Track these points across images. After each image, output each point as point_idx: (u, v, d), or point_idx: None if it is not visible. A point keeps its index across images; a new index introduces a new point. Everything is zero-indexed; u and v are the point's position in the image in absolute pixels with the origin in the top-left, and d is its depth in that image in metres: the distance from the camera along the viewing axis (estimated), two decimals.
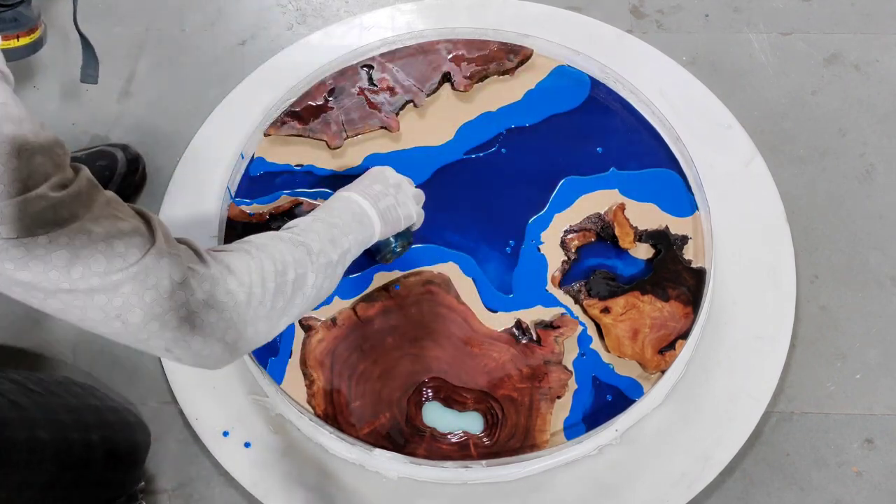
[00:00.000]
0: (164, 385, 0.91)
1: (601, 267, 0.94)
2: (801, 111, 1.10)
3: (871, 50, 1.15)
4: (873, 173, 1.05)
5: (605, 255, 0.95)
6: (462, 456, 0.84)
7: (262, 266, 0.63)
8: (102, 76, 1.15)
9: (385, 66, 1.09)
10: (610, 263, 0.94)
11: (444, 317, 0.91)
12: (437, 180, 1.00)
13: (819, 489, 0.86)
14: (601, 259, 0.95)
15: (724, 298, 0.94)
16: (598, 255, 0.95)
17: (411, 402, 0.87)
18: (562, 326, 0.89)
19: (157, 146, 1.09)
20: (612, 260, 0.95)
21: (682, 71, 1.11)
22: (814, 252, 0.99)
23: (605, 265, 0.94)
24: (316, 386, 0.87)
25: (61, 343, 0.95)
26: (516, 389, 0.87)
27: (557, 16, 1.16)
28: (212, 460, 0.87)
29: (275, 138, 1.04)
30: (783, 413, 0.90)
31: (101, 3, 1.22)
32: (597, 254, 0.95)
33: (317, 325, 0.91)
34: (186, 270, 0.57)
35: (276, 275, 0.64)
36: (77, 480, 0.72)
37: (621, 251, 0.95)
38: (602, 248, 0.96)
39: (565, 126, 1.04)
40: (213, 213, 1.00)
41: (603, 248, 0.96)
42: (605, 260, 0.95)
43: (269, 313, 0.63)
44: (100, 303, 0.52)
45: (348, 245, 0.74)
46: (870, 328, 0.95)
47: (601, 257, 0.95)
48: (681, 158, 1.01)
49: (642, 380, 0.87)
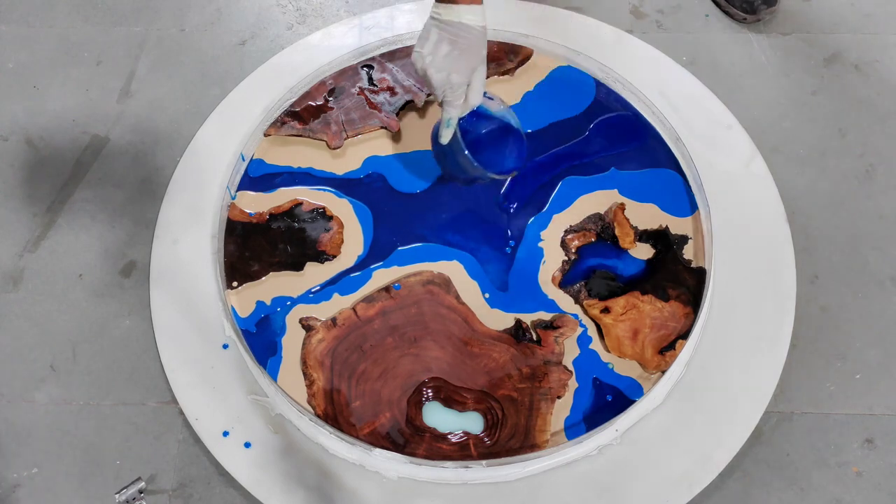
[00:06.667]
0: (164, 385, 0.91)
1: (601, 267, 0.94)
2: (801, 111, 1.10)
3: (871, 50, 1.15)
4: (873, 173, 1.05)
5: (605, 255, 0.95)
6: (462, 456, 0.84)
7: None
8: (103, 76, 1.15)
9: (385, 66, 1.09)
10: (610, 263, 0.94)
11: (444, 317, 0.91)
12: (437, 180, 1.01)
13: (819, 489, 0.86)
14: (601, 259, 0.95)
15: (724, 298, 0.94)
16: (598, 255, 0.95)
17: (411, 402, 0.87)
18: (562, 326, 0.89)
19: (157, 146, 1.09)
20: (612, 260, 0.95)
21: (682, 71, 1.11)
22: (814, 252, 0.99)
23: (605, 265, 0.94)
24: (316, 386, 0.87)
25: (61, 343, 0.95)
26: (516, 389, 0.87)
27: (557, 16, 1.16)
28: (212, 460, 0.87)
29: (275, 138, 1.04)
30: (783, 413, 0.90)
31: (101, 3, 1.22)
32: (597, 254, 0.95)
33: (317, 325, 0.91)
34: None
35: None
36: None
37: (621, 251, 0.95)
38: (602, 248, 0.96)
39: (566, 127, 1.04)
40: (213, 214, 1.00)
41: (603, 248, 0.96)
42: (605, 260, 0.95)
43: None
44: None
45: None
46: (870, 328, 0.95)
47: (601, 257, 0.95)
48: (681, 158, 1.01)
49: (642, 380, 0.87)
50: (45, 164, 1.08)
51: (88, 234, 1.02)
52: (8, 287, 0.99)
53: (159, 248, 0.99)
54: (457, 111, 0.83)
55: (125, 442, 0.89)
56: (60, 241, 1.02)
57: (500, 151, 0.89)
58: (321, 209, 0.99)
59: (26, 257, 1.01)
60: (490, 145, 0.89)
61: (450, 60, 0.80)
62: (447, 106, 0.83)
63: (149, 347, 0.94)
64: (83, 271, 1.00)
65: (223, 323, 0.93)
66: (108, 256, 1.00)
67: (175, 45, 1.18)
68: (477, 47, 0.81)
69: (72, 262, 1.00)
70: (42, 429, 0.90)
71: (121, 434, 0.89)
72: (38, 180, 1.07)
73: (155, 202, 1.03)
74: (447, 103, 0.82)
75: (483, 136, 0.89)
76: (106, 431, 0.90)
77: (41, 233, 1.03)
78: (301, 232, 0.97)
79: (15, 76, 1.15)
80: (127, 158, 1.08)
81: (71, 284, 0.99)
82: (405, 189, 1.00)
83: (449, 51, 0.80)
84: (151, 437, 0.89)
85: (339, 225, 0.98)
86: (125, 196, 1.05)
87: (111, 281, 0.99)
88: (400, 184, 1.01)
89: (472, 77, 0.82)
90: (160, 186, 1.04)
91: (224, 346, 0.92)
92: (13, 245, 1.02)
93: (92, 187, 1.06)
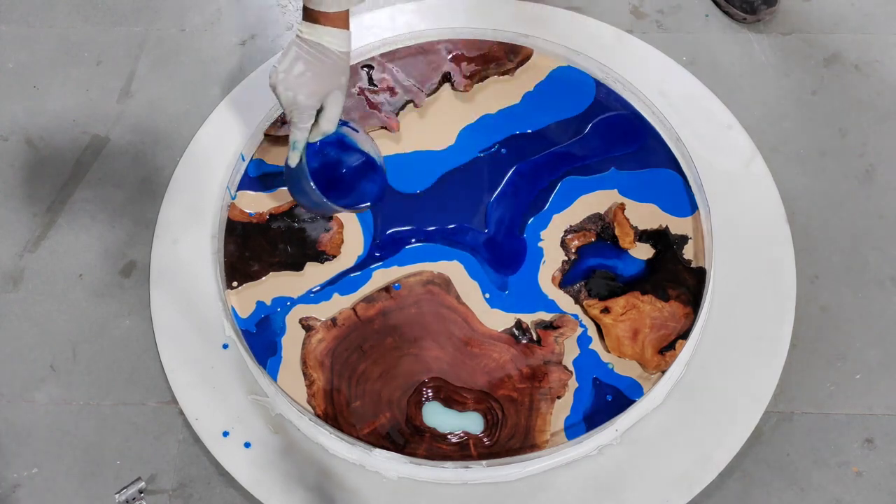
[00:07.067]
0: (165, 385, 0.91)
1: (601, 267, 0.94)
2: (801, 111, 1.10)
3: (871, 50, 1.15)
4: (873, 173, 1.05)
5: (605, 255, 0.95)
6: (462, 456, 0.84)
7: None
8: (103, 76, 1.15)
9: (385, 66, 1.09)
10: (610, 263, 0.94)
11: (444, 317, 0.91)
12: (437, 181, 1.01)
13: (819, 489, 0.86)
14: (601, 259, 0.95)
15: (724, 298, 0.94)
16: (598, 255, 0.95)
17: (411, 402, 0.87)
18: (562, 326, 0.90)
19: (157, 146, 1.09)
20: (612, 260, 0.95)
21: (682, 71, 1.11)
22: (814, 252, 0.99)
23: (605, 265, 0.94)
24: (316, 386, 0.87)
25: (61, 343, 0.95)
26: (516, 389, 0.87)
27: (557, 16, 1.16)
28: (212, 460, 0.87)
29: (275, 138, 1.04)
30: (783, 413, 0.90)
31: (101, 3, 1.22)
32: (597, 254, 0.95)
33: (317, 325, 0.91)
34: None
35: None
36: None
37: (621, 251, 0.95)
38: (602, 248, 0.96)
39: (566, 127, 1.04)
40: (213, 214, 1.00)
41: (603, 248, 0.96)
42: (605, 260, 0.95)
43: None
44: None
45: None
46: (870, 328, 0.94)
47: (601, 257, 0.95)
48: (681, 158, 1.01)
49: (642, 380, 0.87)
50: (45, 164, 1.08)
51: (88, 234, 1.02)
52: (8, 287, 0.99)
53: (159, 248, 0.99)
54: (303, 134, 0.80)
55: (125, 442, 0.89)
56: (60, 241, 1.02)
57: (352, 185, 0.87)
58: None
59: (26, 257, 1.01)
60: (344, 177, 0.87)
61: (301, 81, 0.77)
62: (293, 128, 0.80)
63: (149, 347, 0.94)
64: (83, 271, 1.00)
65: (223, 323, 0.93)
66: (108, 256, 1.00)
67: (175, 45, 1.18)
68: (334, 72, 0.79)
69: (72, 262, 1.00)
70: (42, 429, 0.90)
71: (121, 434, 0.89)
72: (38, 180, 1.07)
73: (155, 202, 1.03)
74: (293, 125, 0.80)
75: (337, 167, 0.86)
76: (106, 431, 0.90)
77: (41, 233, 1.03)
78: (301, 232, 0.97)
79: (15, 76, 1.15)
80: (127, 158, 1.08)
81: (71, 284, 0.99)
82: (405, 189, 1.00)
83: (302, 71, 0.77)
84: (151, 437, 0.89)
85: (339, 225, 0.98)
86: (125, 196, 1.05)
87: (111, 281, 0.99)
88: (400, 184, 1.01)
89: (326, 102, 0.80)
90: (160, 186, 1.04)
91: (224, 346, 0.92)
92: (13, 245, 1.02)
93: (92, 187, 1.06)
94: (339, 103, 0.81)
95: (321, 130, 0.81)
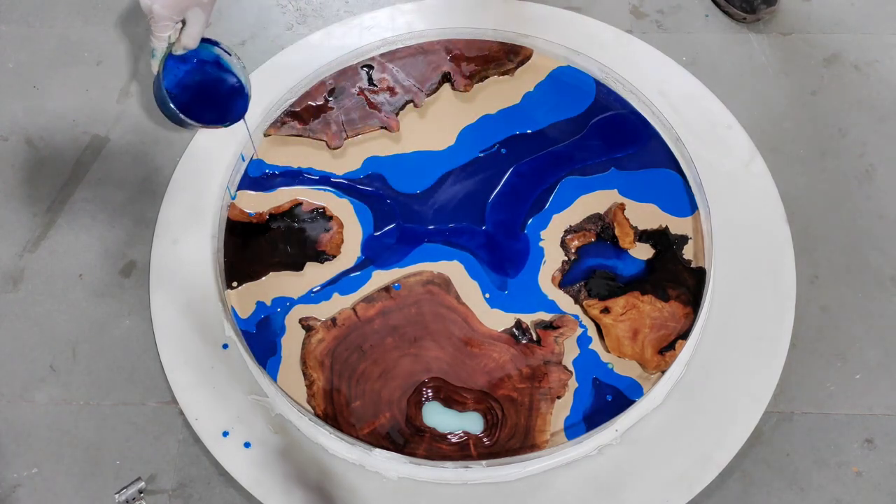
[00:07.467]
0: (164, 385, 0.91)
1: (601, 267, 0.94)
2: (801, 111, 1.10)
3: (871, 50, 1.15)
4: (873, 173, 1.05)
5: (605, 255, 0.95)
6: (462, 456, 0.84)
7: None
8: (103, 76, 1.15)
9: (385, 66, 1.09)
10: (610, 263, 0.94)
11: (444, 317, 0.91)
12: (437, 181, 1.01)
13: (819, 489, 0.86)
14: (601, 259, 0.95)
15: (724, 298, 0.94)
16: (598, 255, 0.95)
17: (411, 402, 0.87)
18: (562, 326, 0.90)
19: (157, 146, 1.09)
20: (612, 260, 0.95)
21: (682, 71, 1.11)
22: (814, 252, 0.99)
23: (605, 265, 0.94)
24: (316, 386, 0.87)
25: (61, 343, 0.95)
26: (516, 389, 0.87)
27: (557, 16, 1.16)
28: (212, 460, 0.87)
29: (275, 138, 1.04)
30: (783, 413, 0.90)
31: (101, 3, 1.22)
32: (597, 254, 0.95)
33: (317, 325, 0.91)
34: None
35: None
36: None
37: (621, 251, 0.95)
38: (602, 248, 0.96)
39: (566, 127, 1.04)
40: (213, 214, 1.00)
41: (603, 248, 0.96)
42: (605, 260, 0.95)
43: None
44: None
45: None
46: (870, 328, 0.94)
47: (601, 257, 0.95)
48: (681, 158, 1.01)
49: (642, 380, 0.87)
50: (45, 164, 1.08)
51: (88, 234, 1.02)
52: (8, 287, 0.99)
53: (159, 248, 0.99)
54: (161, 43, 0.83)
55: (125, 442, 0.89)
56: (60, 241, 1.02)
57: (212, 103, 0.89)
58: (321, 209, 0.99)
59: (26, 257, 1.01)
60: (205, 94, 0.89)
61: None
62: (152, 35, 0.83)
63: (149, 347, 0.94)
64: (83, 271, 1.00)
65: (223, 323, 0.93)
66: (108, 256, 1.00)
67: None
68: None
69: (72, 262, 1.00)
70: (42, 429, 0.90)
71: (121, 434, 0.89)
72: (38, 180, 1.07)
73: (155, 202, 1.03)
74: (152, 33, 0.82)
75: (207, 83, 0.88)
76: (106, 431, 0.90)
77: (41, 233, 1.03)
78: (301, 232, 0.97)
79: (15, 76, 1.15)
80: (127, 158, 1.08)
81: (71, 284, 0.99)
82: (405, 189, 1.00)
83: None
84: (151, 437, 0.89)
85: (339, 225, 0.98)
86: (125, 196, 1.05)
87: (111, 281, 0.99)
88: (400, 184, 1.01)
89: (187, 18, 0.81)
90: (160, 186, 1.04)
91: (224, 346, 0.92)
92: (13, 245, 1.02)
93: (92, 187, 1.06)
94: (199, 21, 0.82)
95: (181, 45, 0.83)
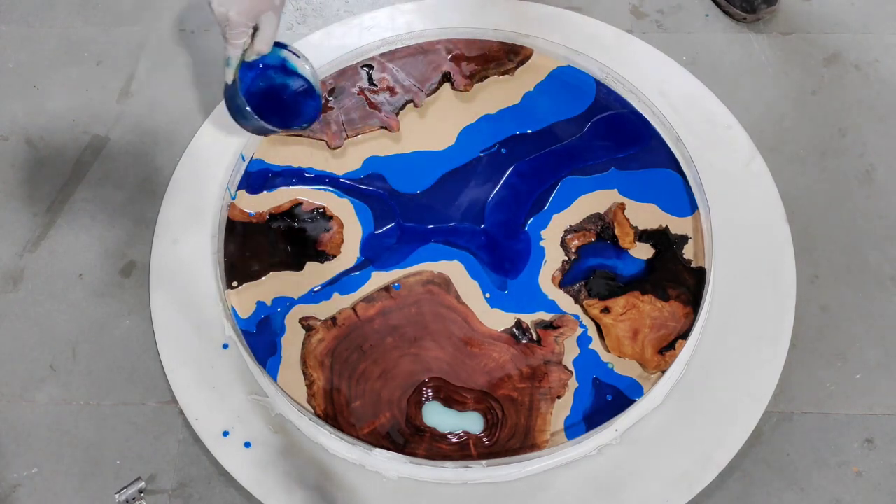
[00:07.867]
0: (165, 385, 0.91)
1: (601, 267, 0.94)
2: (801, 111, 1.10)
3: (871, 50, 1.15)
4: (873, 173, 1.05)
5: (605, 255, 0.95)
6: (462, 456, 0.84)
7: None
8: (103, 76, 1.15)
9: (385, 66, 1.09)
10: (610, 263, 0.95)
11: (444, 317, 0.91)
12: (437, 181, 1.01)
13: (819, 489, 0.86)
14: (601, 259, 0.95)
15: (724, 298, 0.94)
16: (598, 255, 0.95)
17: (411, 402, 0.87)
18: (562, 326, 0.90)
19: (157, 146, 1.09)
20: (612, 260, 0.95)
21: (682, 71, 1.11)
22: (814, 252, 0.99)
23: (605, 265, 0.94)
24: (316, 386, 0.87)
25: (61, 343, 0.95)
26: (516, 389, 0.87)
27: (557, 16, 1.16)
28: (212, 460, 0.87)
29: (275, 138, 1.04)
30: (783, 413, 0.90)
31: (101, 3, 1.22)
32: (597, 254, 0.95)
33: (317, 324, 0.91)
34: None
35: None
36: None
37: (621, 251, 0.95)
38: (602, 248, 0.96)
39: (566, 127, 1.04)
40: (213, 214, 1.00)
41: (603, 248, 0.96)
42: (605, 260, 0.95)
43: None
44: None
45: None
46: (870, 328, 0.94)
47: (601, 257, 0.95)
48: (681, 158, 1.01)
49: (642, 380, 0.87)
50: (45, 164, 1.08)
51: (88, 234, 1.02)
52: (8, 287, 0.99)
53: (159, 248, 0.99)
54: (236, 51, 0.83)
55: (125, 442, 0.89)
56: (60, 241, 1.02)
57: (287, 107, 0.90)
58: (321, 209, 0.99)
59: (26, 257, 1.01)
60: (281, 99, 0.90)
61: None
62: (227, 44, 0.83)
63: (149, 347, 0.94)
64: (83, 271, 1.00)
65: (223, 323, 0.93)
66: (108, 256, 1.00)
67: (175, 45, 1.18)
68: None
69: (72, 262, 1.00)
70: (42, 429, 0.90)
71: (121, 434, 0.89)
72: (38, 180, 1.07)
73: (155, 202, 1.03)
74: (227, 42, 0.82)
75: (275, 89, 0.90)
76: (106, 431, 0.90)
77: (41, 233, 1.03)
78: (301, 232, 0.97)
79: (15, 76, 1.15)
80: (127, 158, 1.08)
81: (71, 284, 0.99)
82: (405, 189, 1.00)
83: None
84: (151, 437, 0.89)
85: (339, 225, 0.98)
86: (125, 196, 1.05)
87: (111, 281, 0.99)
88: (400, 184, 1.01)
89: (260, 23, 0.82)
90: (160, 186, 1.04)
91: (224, 346, 0.92)
92: (13, 245, 1.02)
93: (92, 187, 1.06)
94: (273, 25, 0.83)
95: (256, 50, 0.84)
